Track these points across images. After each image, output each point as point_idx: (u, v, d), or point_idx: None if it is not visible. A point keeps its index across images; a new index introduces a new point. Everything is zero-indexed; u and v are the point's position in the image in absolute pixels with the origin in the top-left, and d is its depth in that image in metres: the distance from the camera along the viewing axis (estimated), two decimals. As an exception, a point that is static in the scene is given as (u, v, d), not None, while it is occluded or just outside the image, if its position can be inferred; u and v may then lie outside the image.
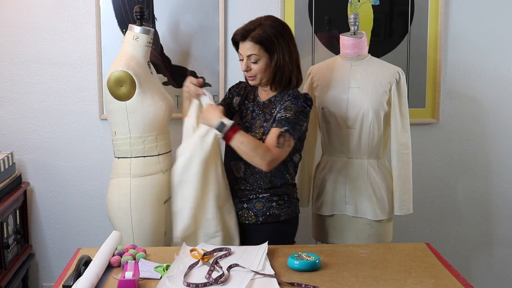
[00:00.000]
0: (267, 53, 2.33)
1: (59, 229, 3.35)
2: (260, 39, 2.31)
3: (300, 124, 2.30)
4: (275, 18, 2.40)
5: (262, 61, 2.34)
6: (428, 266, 2.05)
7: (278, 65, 2.33)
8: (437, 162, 3.34)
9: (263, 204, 2.42)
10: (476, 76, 3.26)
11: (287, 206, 2.45)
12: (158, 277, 1.94)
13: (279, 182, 2.42)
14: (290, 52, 2.34)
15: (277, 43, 2.32)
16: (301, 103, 2.32)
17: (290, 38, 2.37)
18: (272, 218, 2.42)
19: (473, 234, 3.41)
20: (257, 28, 2.32)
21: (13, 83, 3.21)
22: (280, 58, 2.32)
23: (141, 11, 2.75)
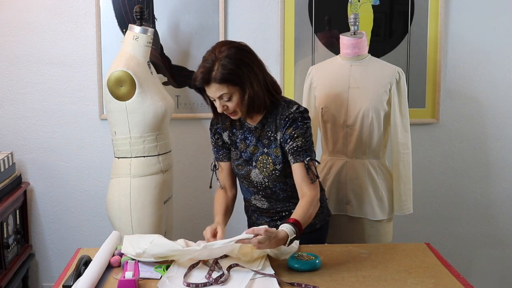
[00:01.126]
0: (237, 86, 2.12)
1: (59, 229, 3.35)
2: (223, 78, 2.09)
3: (311, 141, 2.22)
4: (228, 44, 2.15)
5: (236, 96, 2.13)
6: (428, 266, 2.04)
7: (250, 95, 2.13)
8: (437, 162, 3.34)
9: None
10: (476, 76, 3.26)
11: (320, 212, 2.34)
12: (158, 277, 1.93)
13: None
14: (256, 75, 2.14)
15: (241, 74, 2.11)
16: (301, 122, 2.18)
17: (252, 59, 2.15)
18: (308, 228, 2.20)
19: (473, 234, 3.41)
20: (215, 66, 2.09)
21: (13, 83, 3.21)
22: (249, 88, 2.12)
23: (141, 11, 2.75)
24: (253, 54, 2.18)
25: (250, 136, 2.28)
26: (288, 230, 2.02)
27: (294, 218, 2.07)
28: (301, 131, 2.19)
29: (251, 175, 2.28)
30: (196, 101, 3.21)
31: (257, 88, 2.14)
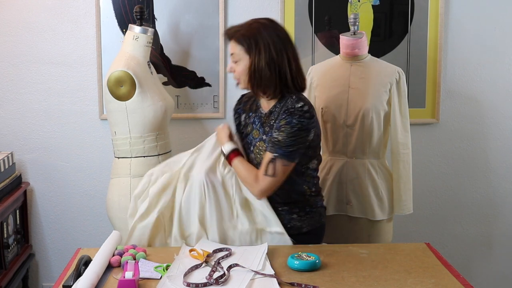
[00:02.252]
0: (247, 53, 2.18)
1: (59, 229, 3.35)
2: (239, 39, 2.18)
3: (294, 145, 2.16)
4: (273, 21, 2.24)
5: (242, 62, 2.19)
6: (428, 266, 2.04)
7: (253, 69, 2.17)
8: (437, 162, 3.34)
9: (284, 216, 2.29)
10: (476, 76, 3.27)
11: (310, 217, 2.31)
12: (158, 277, 1.93)
13: (296, 194, 2.29)
14: (270, 55, 2.16)
15: (254, 44, 2.16)
16: (297, 119, 2.16)
17: (274, 41, 2.17)
18: (294, 230, 2.29)
19: (473, 234, 3.42)
20: (244, 28, 2.20)
21: (13, 83, 3.21)
22: (256, 62, 2.16)
23: (141, 11, 2.75)
24: (282, 39, 2.20)
25: (258, 121, 2.31)
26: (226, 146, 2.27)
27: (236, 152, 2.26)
28: (290, 128, 2.16)
29: (249, 159, 2.31)
30: (196, 101, 3.21)
31: (265, 66, 2.16)
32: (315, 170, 2.34)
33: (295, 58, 2.24)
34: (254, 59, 2.17)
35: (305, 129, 2.18)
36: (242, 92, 2.38)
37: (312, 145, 2.26)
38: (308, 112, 2.18)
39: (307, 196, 2.31)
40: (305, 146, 2.21)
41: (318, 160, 2.35)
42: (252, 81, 2.20)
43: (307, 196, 2.32)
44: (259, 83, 2.20)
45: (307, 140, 2.20)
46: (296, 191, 2.29)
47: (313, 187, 2.33)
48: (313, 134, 2.22)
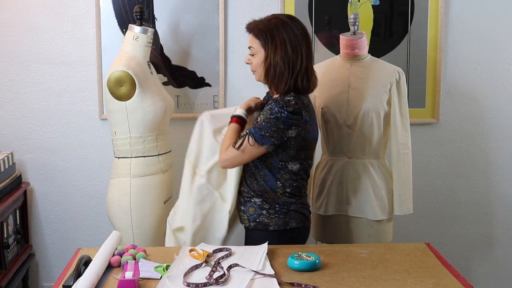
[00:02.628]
0: (263, 48, 2.25)
1: (59, 229, 3.35)
2: (258, 33, 2.25)
3: (267, 131, 2.19)
4: (292, 19, 2.29)
5: (258, 56, 2.26)
6: (428, 266, 2.04)
7: (268, 63, 2.24)
8: (437, 162, 3.34)
9: (255, 209, 2.33)
10: (476, 76, 3.27)
11: (277, 216, 2.31)
12: (158, 277, 1.93)
13: (268, 187, 2.30)
14: (285, 52, 2.22)
15: (271, 40, 2.23)
16: (279, 108, 2.19)
17: (292, 40, 2.22)
18: (261, 226, 2.32)
19: (473, 234, 3.42)
20: (263, 23, 2.26)
21: (13, 83, 3.21)
22: (271, 57, 2.23)
23: (141, 11, 2.75)
24: (298, 37, 2.24)
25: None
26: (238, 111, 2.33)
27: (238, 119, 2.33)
28: (269, 114, 2.20)
29: None
30: (196, 101, 3.21)
31: (280, 62, 2.22)
32: (297, 174, 2.31)
33: (308, 58, 2.28)
34: (270, 53, 2.23)
35: (284, 121, 2.19)
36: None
37: (293, 144, 2.25)
38: (293, 107, 2.20)
39: (278, 194, 2.31)
40: (280, 138, 2.22)
41: (303, 166, 2.32)
42: (266, 75, 2.27)
43: (279, 194, 2.31)
44: (272, 77, 2.26)
45: (285, 135, 2.22)
46: (268, 184, 2.30)
47: (289, 188, 2.31)
48: (294, 133, 2.22)
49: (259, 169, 2.31)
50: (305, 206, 2.39)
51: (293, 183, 2.31)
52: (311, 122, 2.27)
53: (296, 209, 2.34)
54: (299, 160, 2.30)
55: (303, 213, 2.36)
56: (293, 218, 2.33)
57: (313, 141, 2.33)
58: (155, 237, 2.72)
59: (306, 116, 2.24)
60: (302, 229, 2.38)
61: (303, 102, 2.25)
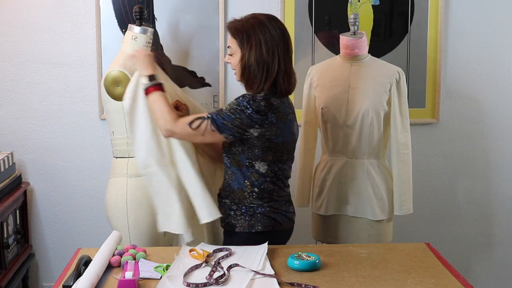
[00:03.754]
0: (240, 48, 2.24)
1: (59, 229, 3.35)
2: (235, 32, 2.26)
3: (228, 120, 2.18)
4: (272, 19, 2.28)
5: (236, 56, 2.26)
6: (428, 266, 2.04)
7: (244, 64, 2.23)
8: (437, 162, 3.34)
9: (225, 210, 2.34)
10: (476, 76, 3.27)
11: (243, 218, 2.29)
12: (158, 277, 1.94)
13: (236, 185, 2.30)
14: (260, 53, 2.20)
15: (246, 40, 2.22)
16: (245, 103, 2.18)
17: (267, 40, 2.21)
18: (229, 227, 2.33)
19: (473, 234, 3.42)
20: (241, 23, 2.26)
21: (13, 83, 3.21)
22: (246, 57, 2.22)
23: (141, 11, 2.74)
24: (275, 39, 2.23)
25: None
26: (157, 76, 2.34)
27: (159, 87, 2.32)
28: (235, 105, 2.20)
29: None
30: (196, 101, 3.21)
31: (253, 63, 2.21)
32: (265, 176, 2.28)
33: (286, 60, 2.26)
34: (245, 54, 2.23)
35: (247, 115, 2.18)
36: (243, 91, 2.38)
37: (256, 144, 2.23)
38: (258, 106, 2.18)
39: (245, 193, 2.29)
40: (240, 132, 2.20)
41: (272, 168, 2.28)
42: (242, 75, 2.27)
43: (246, 194, 2.29)
44: (247, 77, 2.25)
45: (246, 131, 2.20)
46: (236, 183, 2.30)
47: (256, 188, 2.28)
48: (257, 132, 2.20)
49: (227, 167, 2.32)
50: (279, 211, 2.32)
51: (261, 185, 2.28)
52: (279, 125, 2.23)
53: (263, 213, 2.29)
54: (267, 161, 2.26)
55: (273, 218, 2.31)
56: (259, 222, 2.29)
57: (282, 145, 2.26)
58: (152, 238, 2.72)
59: (272, 118, 2.20)
60: (272, 234, 2.30)
61: (272, 103, 2.21)
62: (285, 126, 2.26)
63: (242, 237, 2.29)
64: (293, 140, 2.34)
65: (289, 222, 2.38)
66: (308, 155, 2.82)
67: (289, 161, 2.35)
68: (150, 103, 2.31)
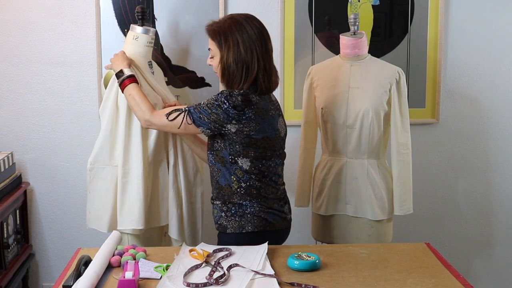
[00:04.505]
0: (219, 50, 2.28)
1: (59, 229, 3.35)
2: (213, 34, 2.30)
3: (204, 114, 2.22)
4: (249, 19, 2.30)
5: (216, 58, 2.31)
6: (428, 266, 2.05)
7: (223, 65, 2.26)
8: (437, 162, 3.34)
9: (217, 212, 2.36)
10: (476, 76, 3.27)
11: (234, 219, 2.31)
12: (158, 277, 1.94)
13: (223, 182, 2.31)
14: (238, 54, 2.23)
15: (224, 41, 2.26)
16: (223, 99, 2.21)
17: (245, 40, 2.24)
18: (221, 229, 2.35)
19: (473, 234, 3.42)
20: (218, 24, 2.29)
21: (13, 83, 3.21)
22: (225, 58, 2.25)
23: (143, 11, 2.74)
24: (253, 38, 2.26)
25: None
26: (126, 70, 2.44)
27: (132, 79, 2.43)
28: (213, 100, 2.24)
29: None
30: (196, 101, 3.20)
31: (232, 63, 2.24)
32: (249, 172, 2.28)
33: (265, 58, 2.28)
34: (224, 54, 2.26)
35: (224, 110, 2.21)
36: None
37: (236, 139, 2.24)
38: (235, 101, 2.20)
39: (233, 189, 2.30)
40: (217, 128, 2.23)
41: (256, 165, 2.29)
42: (222, 76, 2.29)
43: (233, 190, 2.30)
44: (227, 78, 2.28)
45: (223, 126, 2.23)
46: (223, 178, 2.31)
47: (243, 183, 2.29)
48: (234, 128, 2.22)
49: (213, 164, 2.35)
50: (271, 211, 2.33)
51: (247, 181, 2.29)
52: (258, 121, 2.23)
53: (253, 213, 2.30)
54: (249, 157, 2.27)
55: (263, 218, 2.31)
56: (250, 222, 2.30)
57: (263, 141, 2.26)
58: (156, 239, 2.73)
59: (249, 113, 2.21)
60: (264, 234, 2.30)
61: (250, 99, 2.22)
62: (265, 122, 2.26)
63: (233, 238, 2.31)
64: (277, 136, 2.32)
65: (283, 222, 2.38)
66: (308, 155, 2.82)
67: (276, 158, 2.34)
68: (126, 98, 2.42)
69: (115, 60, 2.52)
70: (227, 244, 2.25)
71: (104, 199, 2.62)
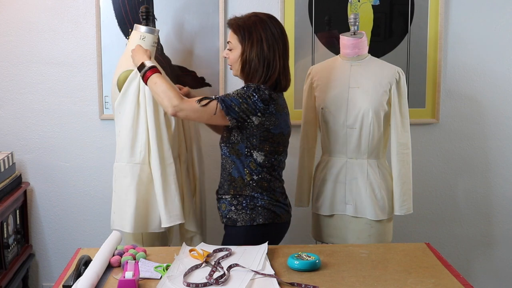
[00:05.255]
0: (240, 44, 2.36)
1: (59, 229, 3.35)
2: (236, 29, 2.37)
3: (234, 103, 2.28)
4: (272, 18, 2.41)
5: (236, 51, 2.38)
6: (428, 266, 2.05)
7: (244, 59, 2.35)
8: (437, 162, 3.34)
9: (226, 206, 2.43)
10: (476, 76, 3.27)
11: (245, 212, 2.38)
12: (158, 277, 1.94)
13: (236, 174, 2.39)
14: (261, 50, 2.33)
15: (248, 36, 2.34)
16: (251, 91, 2.30)
17: (268, 38, 2.34)
18: (231, 222, 2.41)
19: (473, 234, 3.42)
20: (242, 20, 2.38)
21: (13, 83, 3.21)
22: (248, 53, 2.34)
23: (147, 11, 2.74)
24: (275, 37, 2.36)
25: None
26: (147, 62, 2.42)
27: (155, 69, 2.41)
28: (242, 90, 2.32)
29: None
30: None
31: (255, 58, 2.33)
32: (262, 166, 2.38)
33: (284, 58, 2.39)
34: (246, 49, 2.34)
35: (252, 102, 2.29)
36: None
37: (255, 133, 2.34)
38: (263, 95, 2.30)
39: (246, 181, 2.38)
40: (243, 118, 2.30)
41: (269, 159, 2.39)
42: (242, 70, 2.38)
43: (246, 182, 2.38)
44: (248, 73, 2.37)
45: (248, 117, 2.30)
46: (236, 171, 2.38)
47: (255, 176, 2.38)
48: (257, 121, 2.31)
49: (227, 156, 2.41)
50: (278, 204, 2.43)
51: (259, 173, 2.39)
52: (277, 116, 2.36)
53: (263, 205, 2.39)
54: (264, 151, 2.37)
55: (272, 211, 2.41)
56: (260, 215, 2.39)
57: (279, 136, 2.39)
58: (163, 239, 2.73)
59: (272, 108, 2.33)
60: (272, 226, 2.41)
61: (272, 96, 2.34)
62: (282, 118, 2.40)
63: (243, 231, 2.38)
64: (289, 133, 2.46)
65: (287, 215, 2.49)
66: (308, 155, 2.82)
67: (284, 153, 2.47)
68: (151, 87, 2.39)
69: (135, 54, 2.52)
70: (236, 237, 2.35)
71: (125, 197, 2.58)
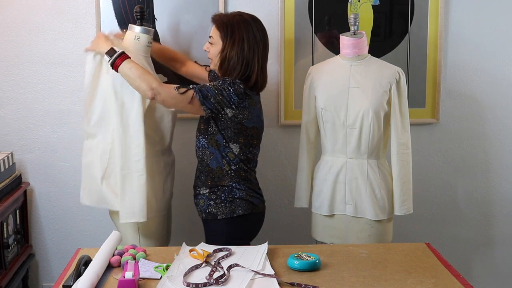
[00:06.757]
0: (222, 40, 2.46)
1: (59, 229, 3.35)
2: (220, 25, 2.47)
3: (210, 94, 2.38)
4: (256, 20, 2.51)
5: (216, 47, 2.48)
6: (428, 266, 2.05)
7: (224, 56, 2.44)
8: (437, 162, 3.34)
9: (204, 201, 2.51)
10: (476, 76, 3.27)
11: (224, 205, 2.48)
12: (158, 277, 1.94)
13: (214, 165, 2.48)
14: (241, 49, 2.42)
15: (230, 34, 2.43)
16: (227, 85, 2.39)
17: (250, 38, 2.44)
18: (211, 216, 2.50)
19: (473, 234, 3.42)
20: (227, 17, 2.47)
21: (13, 83, 3.21)
22: (228, 50, 2.43)
23: (141, 11, 2.74)
24: (257, 39, 2.47)
25: None
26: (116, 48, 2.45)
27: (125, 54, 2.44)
28: (218, 83, 2.41)
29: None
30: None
31: (234, 56, 2.43)
32: (238, 156, 2.49)
33: (263, 60, 2.51)
34: (227, 47, 2.44)
35: (227, 94, 2.39)
36: None
37: (229, 125, 2.45)
38: (238, 89, 2.40)
39: (224, 171, 2.47)
40: (217, 109, 2.39)
41: (243, 151, 2.50)
42: (220, 66, 2.49)
43: (224, 171, 2.47)
44: (225, 69, 2.47)
45: (222, 109, 2.40)
46: (215, 160, 2.47)
47: (233, 165, 2.49)
48: (231, 113, 2.42)
49: (205, 148, 2.49)
50: (254, 195, 2.56)
51: (237, 164, 2.50)
52: (251, 110, 2.47)
53: (241, 197, 2.51)
54: (239, 143, 2.48)
55: (250, 201, 2.53)
56: (239, 206, 2.51)
57: (252, 129, 2.51)
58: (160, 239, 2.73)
59: (246, 103, 2.44)
60: (251, 216, 2.54)
61: (246, 91, 2.44)
62: (255, 113, 2.51)
63: (224, 223, 2.48)
64: (262, 128, 2.60)
65: (263, 205, 2.64)
66: (308, 155, 2.82)
67: (258, 147, 2.60)
68: (125, 73, 2.42)
69: (98, 41, 2.56)
70: (217, 230, 2.45)
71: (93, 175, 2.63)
